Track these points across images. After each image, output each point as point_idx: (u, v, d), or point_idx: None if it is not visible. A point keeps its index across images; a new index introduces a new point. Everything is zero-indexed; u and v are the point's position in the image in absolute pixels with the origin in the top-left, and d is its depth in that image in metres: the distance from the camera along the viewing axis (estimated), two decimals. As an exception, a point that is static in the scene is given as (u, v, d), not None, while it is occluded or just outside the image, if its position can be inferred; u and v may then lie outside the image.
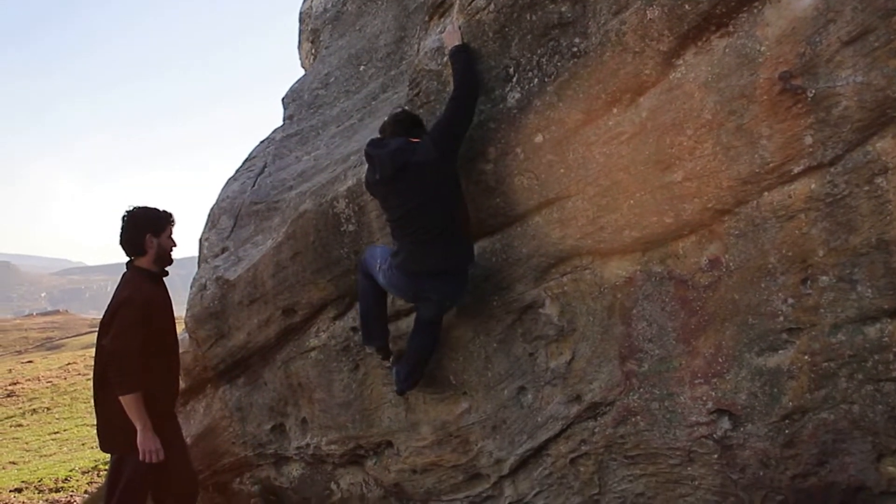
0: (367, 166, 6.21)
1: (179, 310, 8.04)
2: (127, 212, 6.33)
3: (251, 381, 8.05)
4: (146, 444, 5.98)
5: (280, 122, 9.44)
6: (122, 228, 6.32)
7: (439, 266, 5.89)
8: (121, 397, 5.95)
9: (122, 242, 6.35)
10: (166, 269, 6.59)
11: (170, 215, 6.46)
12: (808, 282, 4.88)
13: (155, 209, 6.41)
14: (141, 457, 5.97)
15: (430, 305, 6.12)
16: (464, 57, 5.87)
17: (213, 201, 8.89)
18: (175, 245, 6.50)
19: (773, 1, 4.72)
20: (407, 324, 6.68)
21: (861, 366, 4.80)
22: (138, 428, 5.97)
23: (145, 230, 6.27)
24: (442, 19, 6.44)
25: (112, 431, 6.20)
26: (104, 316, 6.28)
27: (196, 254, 8.73)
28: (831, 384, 4.92)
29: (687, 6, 4.91)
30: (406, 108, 6.32)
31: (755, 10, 4.78)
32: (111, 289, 6.46)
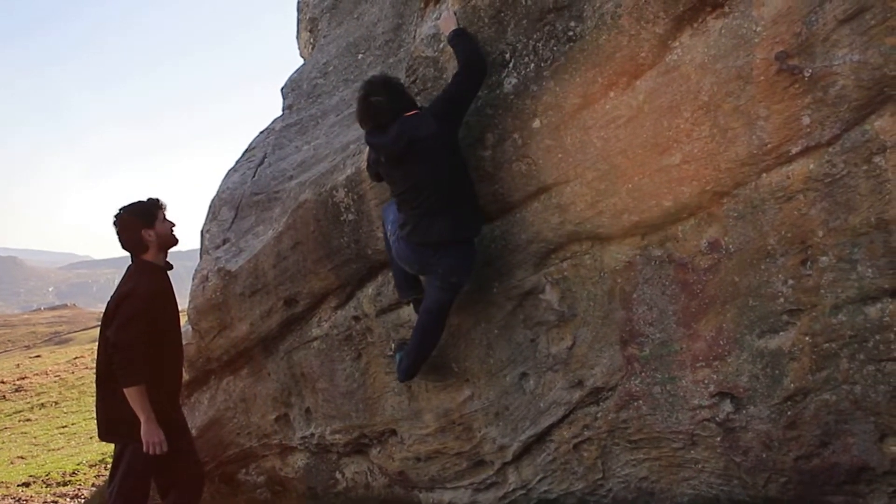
0: (367, 151, 6.23)
1: (183, 302, 8.04)
2: (115, 216, 6.32)
3: (254, 372, 8.06)
4: (150, 435, 5.97)
5: (280, 112, 9.43)
6: (118, 234, 6.32)
7: (444, 236, 5.87)
8: (125, 389, 5.95)
9: (123, 247, 6.35)
10: (170, 263, 6.58)
11: (157, 201, 6.44)
12: (808, 263, 4.86)
13: (139, 202, 6.39)
14: (145, 448, 5.96)
15: (436, 280, 6.07)
16: (466, 38, 5.85)
17: (214, 193, 8.89)
18: (173, 225, 6.47)
19: (770, -19, 4.70)
20: (409, 312, 6.67)
21: (862, 346, 4.79)
22: (142, 420, 5.96)
23: (139, 227, 6.26)
24: (437, 6, 6.41)
25: (115, 422, 6.21)
26: (107, 308, 6.28)
27: (199, 246, 8.74)
28: (833, 365, 4.91)
29: (682, -13, 4.90)
30: (372, 95, 5.99)
31: (751, -10, 4.76)
32: (118, 282, 6.45)
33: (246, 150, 9.27)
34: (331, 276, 7.13)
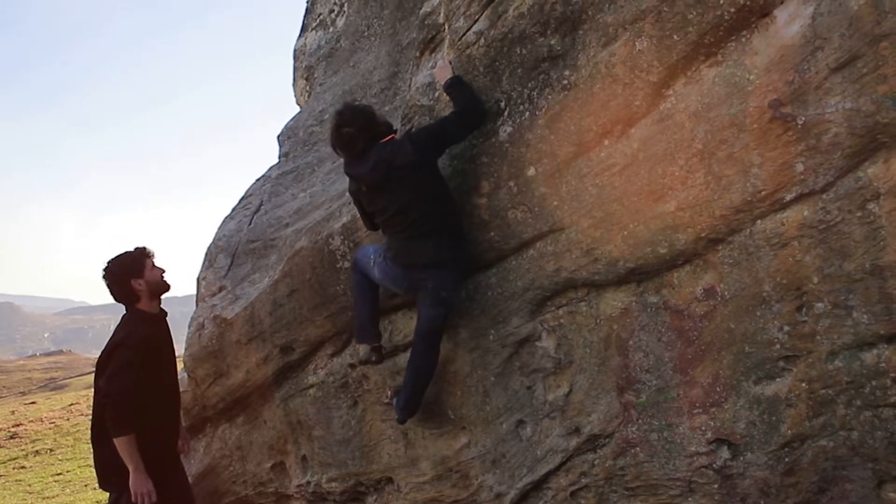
0: (348, 182, 6.28)
1: (179, 348, 8.04)
2: (104, 270, 6.34)
3: (250, 420, 8.03)
4: (138, 485, 5.95)
5: (276, 160, 9.47)
6: (108, 287, 6.34)
7: (431, 259, 5.91)
8: (114, 439, 5.94)
9: (115, 299, 6.36)
10: (165, 310, 6.58)
11: (143, 249, 6.45)
12: (804, 309, 4.86)
13: (126, 253, 6.40)
14: (133, 499, 5.95)
15: (426, 297, 6.06)
16: (463, 86, 5.91)
17: (211, 239, 8.91)
18: (163, 271, 6.48)
19: (761, 29, 4.73)
20: (405, 359, 6.66)
21: (859, 392, 4.78)
22: (130, 469, 5.95)
23: (127, 278, 6.28)
24: (433, 55, 6.47)
25: (110, 471, 6.19)
26: (100, 356, 6.29)
27: (194, 291, 8.75)
28: (830, 411, 4.90)
29: (675, 36, 4.93)
30: (342, 126, 6.04)
31: (743, 39, 4.79)
32: (114, 328, 6.47)
33: (242, 198, 9.30)
34: (327, 324, 7.12)
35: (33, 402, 31.10)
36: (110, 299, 6.37)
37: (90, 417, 6.40)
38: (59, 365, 57.03)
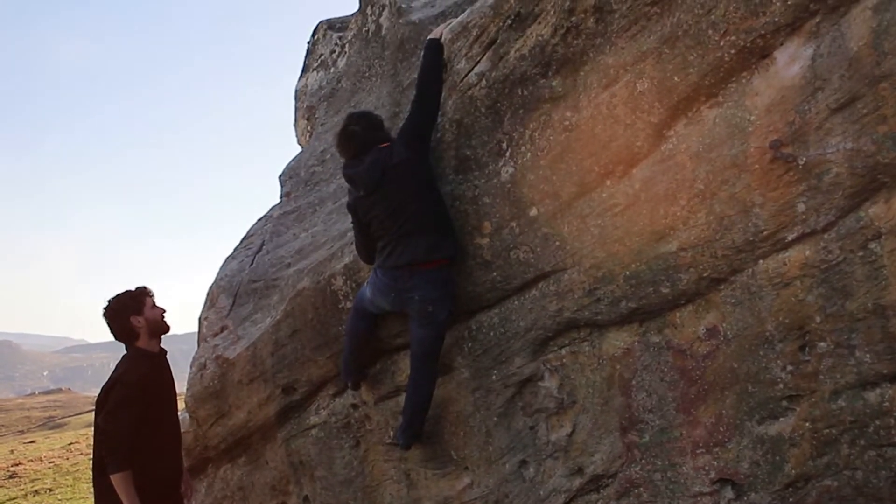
0: (347, 200, 6.43)
1: (182, 386, 8.03)
2: (104, 309, 6.36)
3: (252, 460, 8.00)
4: None
5: (278, 199, 9.50)
6: (108, 324, 6.35)
7: (419, 257, 5.99)
8: (111, 476, 5.93)
9: (115, 336, 6.37)
10: (164, 348, 6.59)
11: (144, 289, 6.49)
12: (807, 348, 4.86)
13: (126, 291, 6.44)
14: None
15: (414, 315, 6.14)
16: (428, 55, 6.21)
17: (213, 278, 8.92)
18: (163, 311, 6.51)
19: (762, 70, 4.76)
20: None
21: (863, 431, 4.76)
22: None
23: (126, 315, 6.29)
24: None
25: None
26: (100, 394, 6.29)
27: (194, 329, 8.76)
28: (833, 451, 4.88)
29: (676, 78, 4.97)
30: (350, 125, 6.41)
31: (744, 80, 4.82)
32: (114, 366, 6.48)
33: (244, 238, 9.32)
34: (329, 364, 7.12)
35: (32, 441, 31.02)
36: (110, 337, 6.38)
37: (90, 456, 6.39)
38: (58, 403, 56.90)
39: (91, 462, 6.38)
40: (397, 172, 5.98)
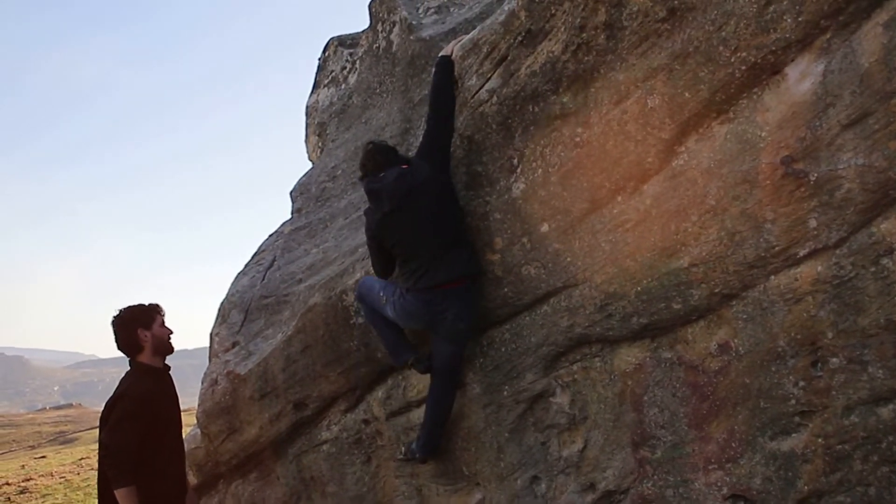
0: (369, 208, 6.32)
1: (191, 401, 8.03)
2: (114, 317, 6.37)
3: (263, 476, 8.00)
4: None
5: (289, 216, 9.52)
6: (115, 333, 6.35)
7: (457, 272, 5.95)
8: (115, 491, 5.93)
9: (119, 347, 6.37)
10: (168, 364, 6.60)
11: (156, 306, 6.48)
12: (819, 364, 4.85)
13: (140, 304, 6.44)
14: None
15: (444, 331, 6.09)
16: (439, 72, 6.20)
17: (224, 296, 8.93)
18: (171, 332, 6.50)
19: (773, 86, 4.76)
20: (418, 415, 6.65)
21: (876, 447, 4.75)
22: None
23: (135, 326, 6.29)
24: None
25: None
26: (103, 410, 6.29)
27: (204, 344, 8.78)
28: (846, 467, 4.87)
29: (687, 94, 4.97)
30: (373, 142, 6.42)
31: (755, 96, 4.82)
32: (119, 383, 6.49)
33: (255, 254, 9.34)
34: (340, 380, 7.12)
35: (43, 457, 31.02)
36: (120, 353, 6.38)
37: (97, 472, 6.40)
38: (69, 418, 56.95)
39: (97, 477, 6.38)
40: (423, 190, 5.93)
